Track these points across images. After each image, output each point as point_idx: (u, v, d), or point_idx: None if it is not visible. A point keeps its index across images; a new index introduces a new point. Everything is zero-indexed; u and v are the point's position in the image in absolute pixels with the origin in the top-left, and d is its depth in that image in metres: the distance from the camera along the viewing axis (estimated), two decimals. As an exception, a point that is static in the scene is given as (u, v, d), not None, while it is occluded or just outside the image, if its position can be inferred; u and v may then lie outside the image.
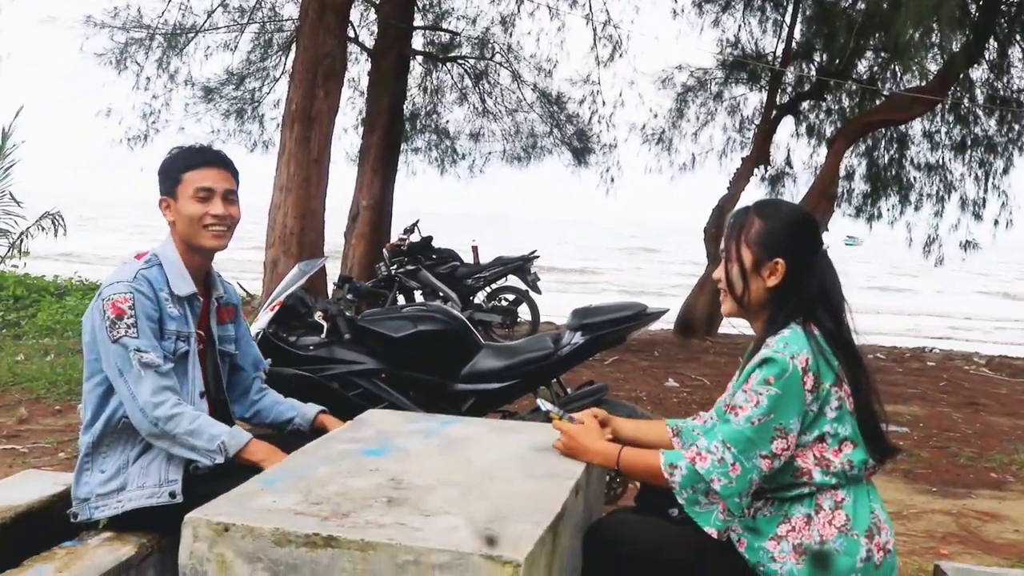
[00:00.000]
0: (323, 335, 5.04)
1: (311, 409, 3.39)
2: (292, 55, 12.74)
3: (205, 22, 15.90)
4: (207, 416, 2.93)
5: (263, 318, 5.02)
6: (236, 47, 16.64)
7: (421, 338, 5.04)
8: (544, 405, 2.99)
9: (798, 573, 2.42)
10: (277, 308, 5.01)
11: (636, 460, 2.62)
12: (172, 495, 2.87)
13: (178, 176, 3.06)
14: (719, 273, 2.71)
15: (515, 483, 2.46)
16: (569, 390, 5.37)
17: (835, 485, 2.47)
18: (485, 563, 1.91)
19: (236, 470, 2.78)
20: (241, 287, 8.62)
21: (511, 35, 16.94)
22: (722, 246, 2.72)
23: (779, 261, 2.57)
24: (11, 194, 15.16)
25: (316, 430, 3.32)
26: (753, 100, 16.76)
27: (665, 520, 2.69)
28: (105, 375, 2.94)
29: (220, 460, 2.86)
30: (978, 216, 16.86)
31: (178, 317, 3.01)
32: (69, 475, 3.30)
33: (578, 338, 5.03)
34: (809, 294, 2.55)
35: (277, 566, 2.01)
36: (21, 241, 15.07)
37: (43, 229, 15.19)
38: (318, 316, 5.10)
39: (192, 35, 16.04)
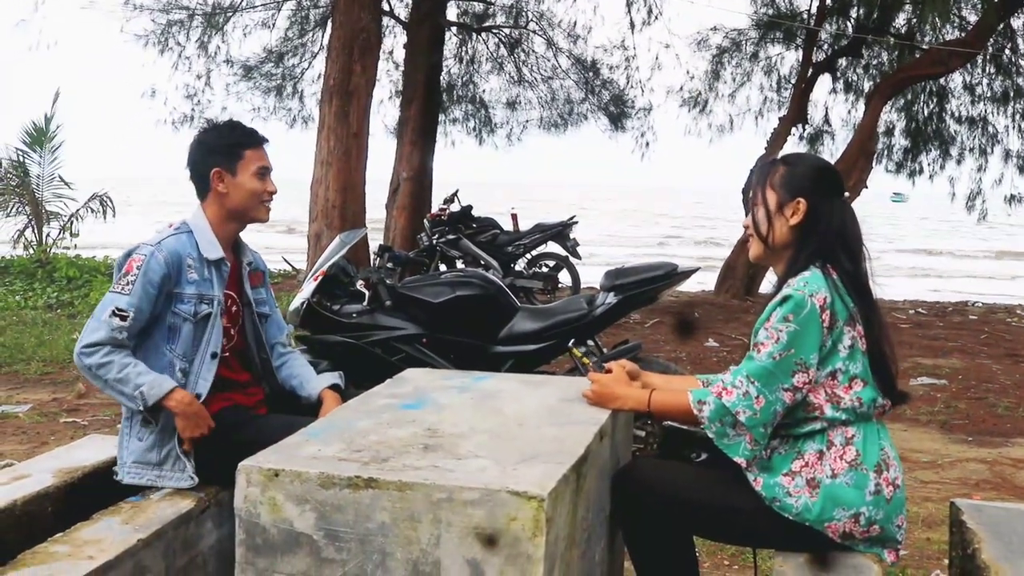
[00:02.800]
0: (365, 303, 5.21)
1: (314, 390, 3.47)
2: (328, 31, 12.90)
3: (243, 1, 16.09)
4: (139, 366, 3.06)
5: (307, 288, 5.21)
6: (274, 25, 16.85)
7: (459, 303, 5.20)
8: (576, 351, 3.16)
9: (812, 506, 2.56)
10: (320, 278, 5.19)
11: (666, 401, 2.78)
12: (192, 478, 3.09)
13: (240, 152, 3.25)
14: (747, 220, 2.86)
15: (542, 429, 2.62)
16: (605, 350, 5.53)
17: (845, 421, 2.61)
18: (512, 498, 2.08)
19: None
20: (287, 262, 8.81)
21: (544, 3, 17.02)
22: (750, 194, 2.87)
23: (801, 200, 2.72)
24: (60, 176, 15.53)
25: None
26: (789, 59, 16.70)
27: (687, 463, 2.85)
28: (136, 338, 3.13)
29: (141, 407, 3.03)
30: (1023, 169, 16.70)
31: (200, 281, 3.18)
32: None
33: (611, 298, 5.18)
34: (830, 234, 2.69)
35: (323, 507, 2.20)
36: (71, 223, 15.45)
37: (92, 211, 15.57)
38: (360, 284, 5.28)
39: (231, 14, 16.25)
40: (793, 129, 15.37)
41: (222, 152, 3.27)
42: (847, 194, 2.82)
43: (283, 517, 2.23)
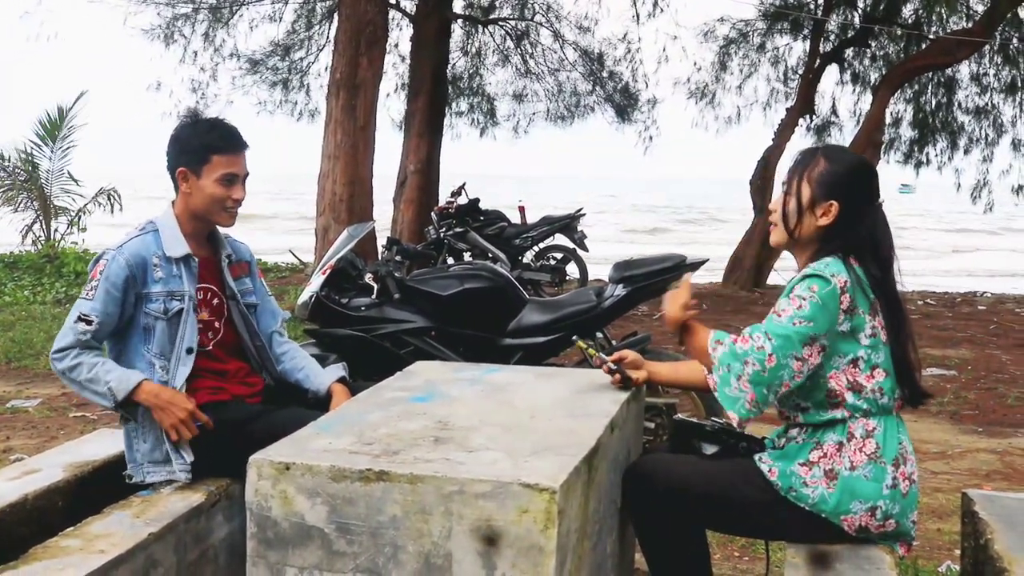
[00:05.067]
0: (374, 296, 5.21)
1: (323, 384, 3.44)
2: (335, 24, 12.88)
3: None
4: (108, 364, 3.07)
5: (315, 282, 5.20)
6: (280, 18, 16.83)
7: (468, 295, 5.19)
8: (581, 343, 3.17)
9: (829, 497, 2.56)
10: (329, 272, 5.19)
11: (693, 339, 2.81)
12: (187, 473, 3.07)
13: (207, 155, 3.18)
14: (775, 204, 2.83)
15: (554, 421, 2.62)
16: (614, 342, 5.52)
17: (866, 412, 2.60)
18: (523, 491, 2.07)
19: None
20: (295, 256, 8.77)
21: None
22: (784, 179, 2.83)
23: (833, 203, 2.68)
24: (69, 172, 15.56)
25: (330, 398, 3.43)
26: (796, 50, 16.67)
27: (697, 456, 2.84)
28: (117, 343, 3.16)
29: (112, 404, 3.03)
30: (1031, 159, 16.67)
31: (168, 278, 3.16)
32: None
33: (620, 290, 5.16)
34: (857, 240, 2.67)
35: (335, 500, 2.19)
36: (79, 218, 15.48)
37: (100, 205, 15.59)
38: (368, 278, 5.27)
39: (237, 7, 16.23)
40: (800, 120, 15.36)
41: (191, 152, 3.21)
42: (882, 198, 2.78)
43: (294, 510, 2.23)
